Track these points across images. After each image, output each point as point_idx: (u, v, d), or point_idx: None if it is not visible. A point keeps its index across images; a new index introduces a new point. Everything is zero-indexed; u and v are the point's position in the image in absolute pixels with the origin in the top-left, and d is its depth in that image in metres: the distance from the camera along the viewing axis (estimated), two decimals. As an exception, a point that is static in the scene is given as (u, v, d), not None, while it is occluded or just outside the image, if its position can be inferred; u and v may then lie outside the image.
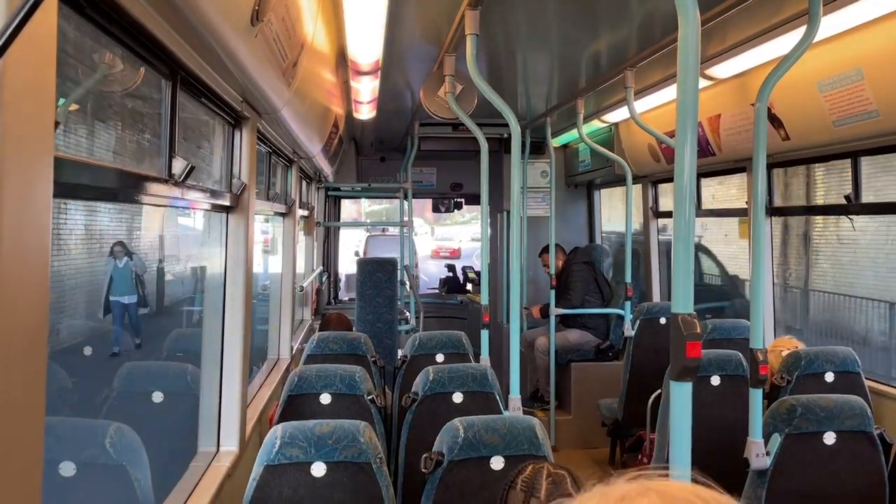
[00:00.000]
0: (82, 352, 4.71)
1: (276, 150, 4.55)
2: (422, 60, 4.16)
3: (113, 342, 5.68)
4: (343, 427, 2.30)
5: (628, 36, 3.77)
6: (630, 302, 5.63)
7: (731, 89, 4.24)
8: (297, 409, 3.09)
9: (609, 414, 5.48)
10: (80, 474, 2.01)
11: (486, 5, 2.98)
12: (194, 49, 2.09)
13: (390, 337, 6.02)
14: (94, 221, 4.14)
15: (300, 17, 2.56)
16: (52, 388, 1.99)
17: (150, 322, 6.07)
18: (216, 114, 2.86)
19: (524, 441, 2.38)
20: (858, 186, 3.78)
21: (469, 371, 3.23)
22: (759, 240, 3.02)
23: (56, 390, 3.09)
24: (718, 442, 3.32)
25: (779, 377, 3.54)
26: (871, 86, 3.18)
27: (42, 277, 1.16)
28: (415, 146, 6.82)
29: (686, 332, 1.66)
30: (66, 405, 3.31)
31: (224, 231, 3.10)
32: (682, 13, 1.65)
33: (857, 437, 2.77)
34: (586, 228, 7.82)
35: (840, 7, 2.85)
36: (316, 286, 7.44)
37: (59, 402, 3.13)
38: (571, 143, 7.38)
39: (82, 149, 2.40)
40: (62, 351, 4.20)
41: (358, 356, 3.92)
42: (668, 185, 6.18)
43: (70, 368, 3.52)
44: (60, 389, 3.21)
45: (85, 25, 1.56)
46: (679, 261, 1.73)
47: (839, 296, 6.18)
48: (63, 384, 3.28)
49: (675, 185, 1.74)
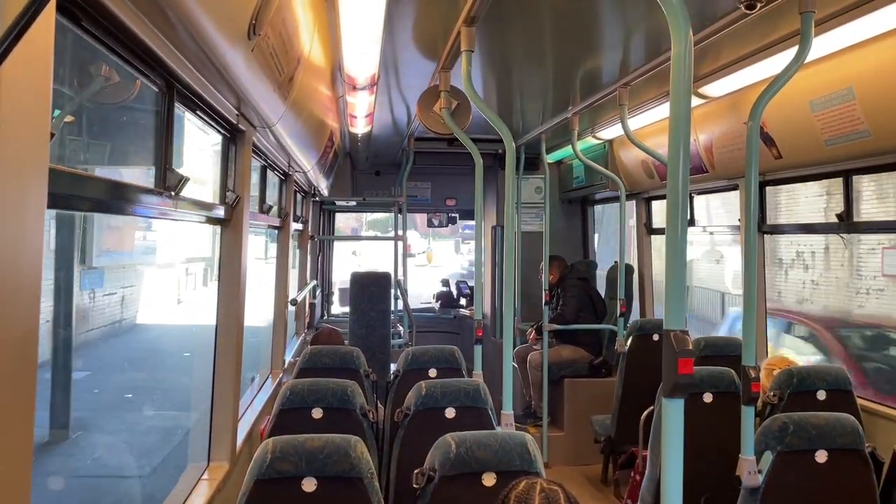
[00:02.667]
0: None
1: (271, 164, 4.56)
2: (417, 76, 4.19)
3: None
4: (335, 442, 2.29)
5: (622, 54, 3.80)
6: (623, 318, 5.63)
7: (723, 108, 4.27)
8: (288, 424, 3.07)
9: (602, 430, 5.46)
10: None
11: (482, 22, 3.01)
12: (190, 61, 2.10)
13: (383, 351, 5.99)
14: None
15: (297, 31, 2.58)
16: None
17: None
18: (212, 126, 2.86)
19: (516, 457, 2.37)
20: (850, 205, 3.81)
21: (462, 386, 3.22)
22: (751, 257, 3.03)
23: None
24: (710, 459, 3.31)
25: (770, 395, 3.54)
26: (862, 105, 3.21)
27: (34, 287, 1.16)
28: (410, 161, 6.83)
29: (678, 348, 1.66)
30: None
31: (218, 244, 3.10)
32: (675, 32, 1.67)
33: (848, 456, 2.77)
34: (580, 244, 7.84)
35: (832, 28, 2.88)
36: (309, 301, 7.42)
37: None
38: (566, 159, 7.41)
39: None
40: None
41: (350, 370, 3.90)
42: (661, 202, 6.21)
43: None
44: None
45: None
46: (671, 277, 1.74)
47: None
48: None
49: (667, 202, 1.75)
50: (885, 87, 3.09)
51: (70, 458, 4.56)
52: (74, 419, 4.72)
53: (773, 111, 3.37)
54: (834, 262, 6.05)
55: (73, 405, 3.91)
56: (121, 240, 9.11)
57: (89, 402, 6.00)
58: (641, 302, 6.45)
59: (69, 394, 5.02)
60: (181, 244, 11.20)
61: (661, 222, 6.34)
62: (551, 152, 6.92)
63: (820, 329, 6.01)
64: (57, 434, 4.57)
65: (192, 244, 11.25)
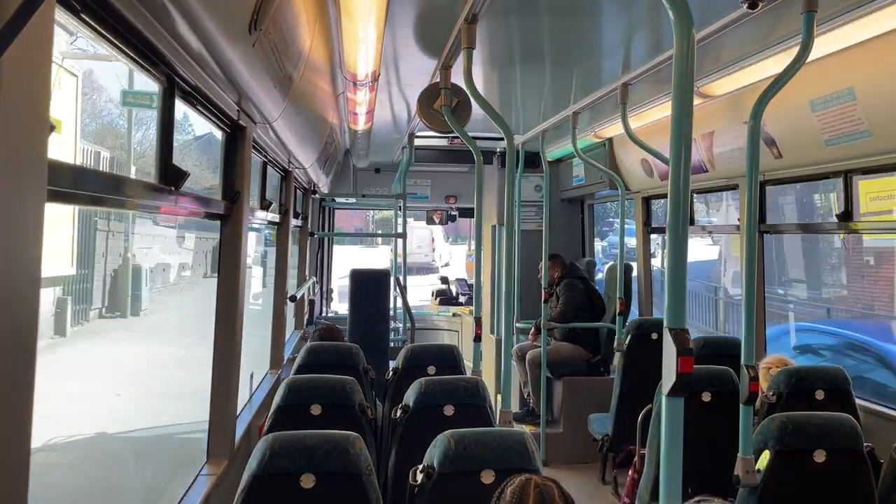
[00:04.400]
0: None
1: (271, 160, 4.55)
2: (418, 73, 4.18)
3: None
4: (333, 438, 2.29)
5: (624, 52, 3.79)
6: (622, 317, 5.63)
7: (724, 107, 4.27)
8: (287, 420, 3.07)
9: (600, 429, 5.46)
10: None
11: (483, 20, 3.00)
12: (192, 56, 2.09)
13: (382, 348, 5.99)
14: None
15: (298, 27, 2.57)
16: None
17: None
18: (212, 122, 2.86)
19: (515, 455, 2.37)
20: (850, 205, 3.80)
21: (460, 384, 3.22)
22: (751, 257, 3.03)
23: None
24: (709, 458, 3.32)
25: (769, 394, 3.54)
26: (863, 105, 3.20)
27: (34, 281, 1.15)
28: (410, 158, 6.83)
29: (679, 347, 1.66)
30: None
31: (217, 239, 3.10)
32: (677, 29, 1.67)
33: (847, 456, 2.77)
34: (579, 243, 7.84)
35: (833, 28, 2.88)
36: (308, 297, 7.42)
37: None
38: (565, 157, 7.41)
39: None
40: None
41: (349, 367, 3.90)
42: (660, 200, 6.21)
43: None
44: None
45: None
46: (673, 276, 1.74)
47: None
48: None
49: (669, 201, 1.75)
50: (886, 87, 3.08)
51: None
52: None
53: (773, 111, 3.36)
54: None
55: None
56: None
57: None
58: (640, 301, 6.45)
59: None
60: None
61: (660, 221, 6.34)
62: (551, 150, 6.92)
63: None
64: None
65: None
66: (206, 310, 3.06)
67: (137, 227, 6.53)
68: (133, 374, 5.35)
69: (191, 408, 4.51)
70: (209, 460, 3.03)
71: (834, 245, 9.61)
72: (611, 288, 6.30)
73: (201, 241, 9.05)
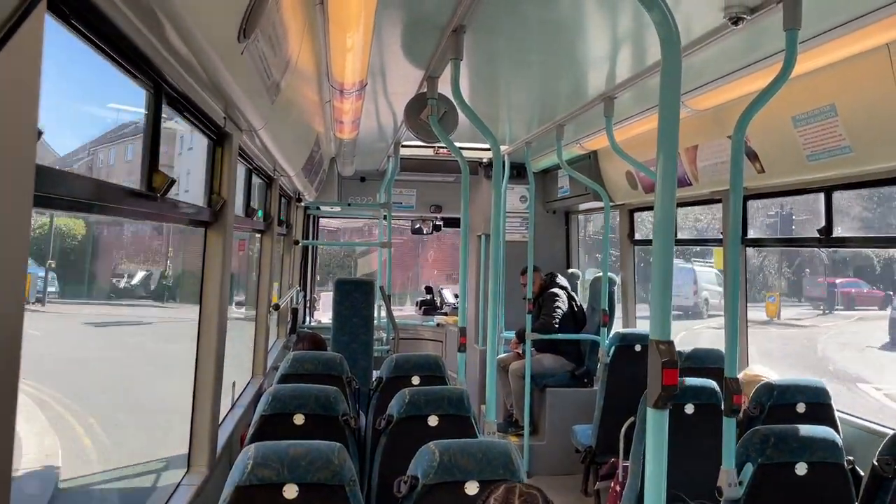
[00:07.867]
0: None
1: (256, 168, 4.53)
2: (405, 82, 4.19)
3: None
4: (317, 448, 2.27)
5: (609, 65, 3.82)
6: (605, 328, 5.65)
7: (708, 121, 4.31)
8: (269, 430, 3.04)
9: (583, 440, 5.47)
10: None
11: (470, 31, 3.02)
12: (180, 64, 2.09)
13: (366, 358, 5.97)
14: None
15: (286, 35, 2.57)
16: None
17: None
18: (198, 129, 2.85)
19: (499, 466, 2.37)
20: (831, 220, 3.85)
21: (445, 394, 3.21)
22: (733, 269, 3.05)
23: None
24: (692, 470, 3.33)
25: (751, 407, 3.57)
26: (844, 122, 3.25)
27: (19, 285, 1.14)
28: (395, 167, 6.84)
29: (663, 358, 1.67)
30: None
31: (202, 246, 3.08)
32: (663, 41, 1.68)
33: (828, 468, 2.79)
34: (563, 254, 7.87)
35: (816, 45, 2.92)
36: (291, 306, 7.38)
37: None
38: (551, 168, 7.45)
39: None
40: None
41: (333, 376, 3.88)
42: (644, 213, 6.26)
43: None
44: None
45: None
46: (657, 288, 1.75)
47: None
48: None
49: (655, 213, 1.76)
50: (866, 104, 3.13)
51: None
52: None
53: (756, 126, 3.40)
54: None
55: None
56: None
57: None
58: (624, 313, 6.48)
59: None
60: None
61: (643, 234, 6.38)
62: (537, 162, 6.96)
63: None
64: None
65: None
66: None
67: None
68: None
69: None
70: (190, 470, 2.99)
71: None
72: (594, 299, 6.32)
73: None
